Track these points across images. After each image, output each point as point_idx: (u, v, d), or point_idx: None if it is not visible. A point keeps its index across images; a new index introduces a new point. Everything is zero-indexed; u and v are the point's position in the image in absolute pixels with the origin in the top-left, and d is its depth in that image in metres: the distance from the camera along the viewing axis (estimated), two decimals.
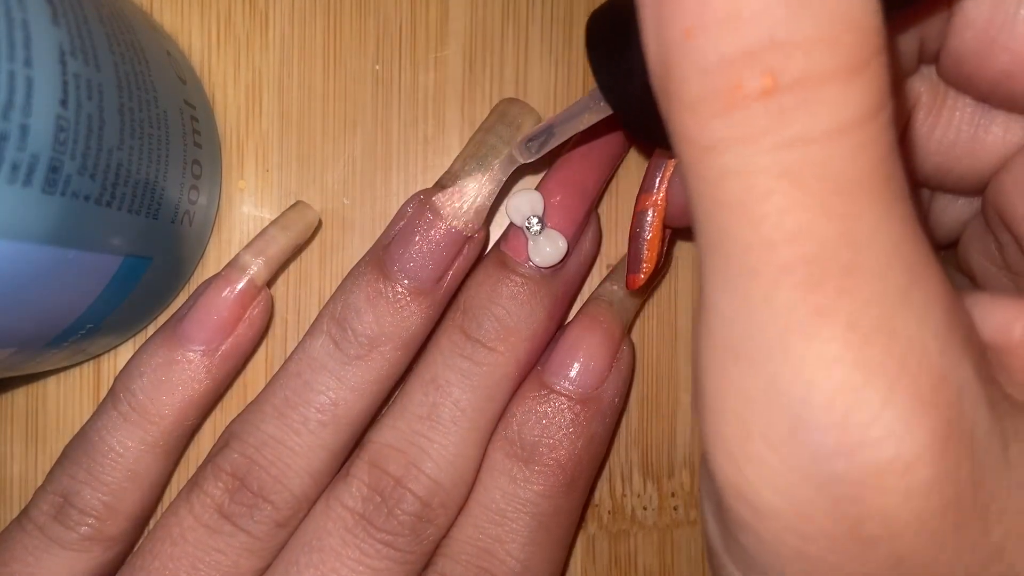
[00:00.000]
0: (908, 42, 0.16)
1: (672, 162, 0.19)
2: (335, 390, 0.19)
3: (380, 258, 0.20)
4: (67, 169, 0.15)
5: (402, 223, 0.20)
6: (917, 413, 0.11)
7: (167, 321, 0.21)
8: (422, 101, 0.23)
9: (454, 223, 0.19)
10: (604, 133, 0.21)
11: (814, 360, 0.11)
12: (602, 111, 0.17)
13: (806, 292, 0.11)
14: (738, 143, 0.10)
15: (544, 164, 0.23)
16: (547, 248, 0.20)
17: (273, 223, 0.21)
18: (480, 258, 0.21)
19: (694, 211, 0.12)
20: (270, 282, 0.21)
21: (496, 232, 0.23)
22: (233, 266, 0.20)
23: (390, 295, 0.19)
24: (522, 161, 0.19)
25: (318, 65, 0.23)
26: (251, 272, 0.20)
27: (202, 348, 0.20)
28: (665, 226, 0.19)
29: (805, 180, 0.10)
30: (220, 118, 0.23)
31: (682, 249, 0.24)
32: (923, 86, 0.17)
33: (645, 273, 0.19)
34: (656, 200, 0.19)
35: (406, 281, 0.19)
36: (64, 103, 0.14)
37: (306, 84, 0.23)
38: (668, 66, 0.11)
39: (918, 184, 0.18)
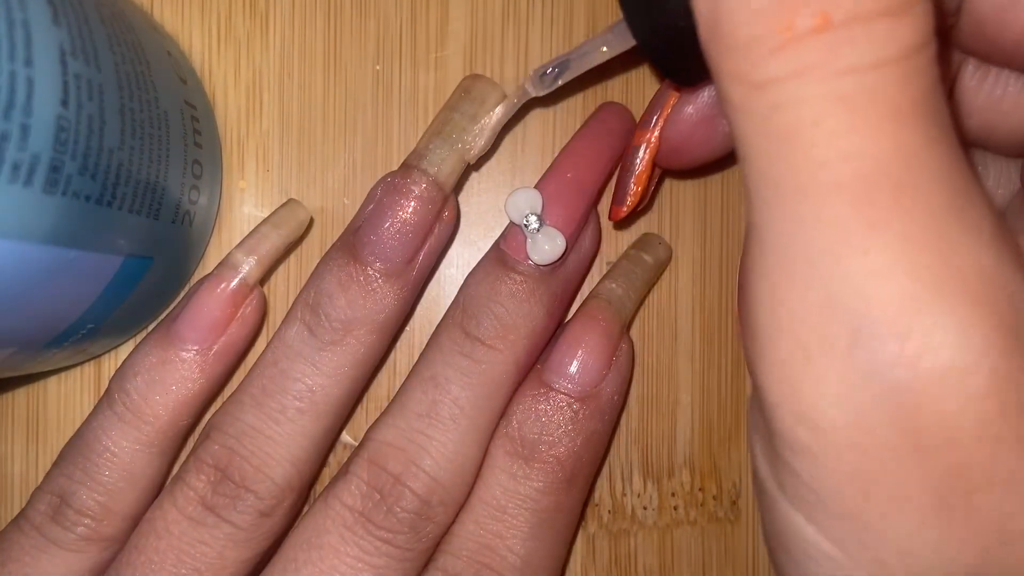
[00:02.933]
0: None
1: (671, 101, 0.19)
2: (311, 376, 0.19)
3: (350, 242, 0.20)
4: (68, 169, 0.15)
5: (371, 206, 0.20)
6: (976, 319, 0.11)
7: (161, 321, 0.21)
8: (422, 101, 0.23)
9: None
10: (604, 128, 0.21)
11: (871, 272, 0.11)
12: (623, 44, 0.17)
13: (858, 207, 0.11)
14: (791, 78, 0.11)
15: (541, 162, 0.23)
16: (545, 246, 0.20)
17: (264, 221, 0.21)
18: (452, 237, 0.21)
19: (741, 147, 0.12)
20: (263, 280, 0.21)
21: (486, 222, 0.23)
22: (225, 265, 0.20)
23: (362, 278, 0.19)
24: (535, 94, 0.19)
25: (318, 65, 0.23)
26: (243, 270, 0.20)
27: (196, 347, 0.20)
28: (655, 165, 0.20)
29: (857, 104, 0.11)
30: (221, 118, 0.23)
31: (682, 251, 0.24)
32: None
33: (628, 207, 0.20)
34: (650, 138, 0.19)
35: (377, 263, 0.19)
36: (65, 103, 0.14)
37: (306, 84, 0.23)
38: (717, 9, 0.11)
39: (967, 144, 0.18)
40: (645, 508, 0.24)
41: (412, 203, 0.20)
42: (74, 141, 0.15)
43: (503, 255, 0.20)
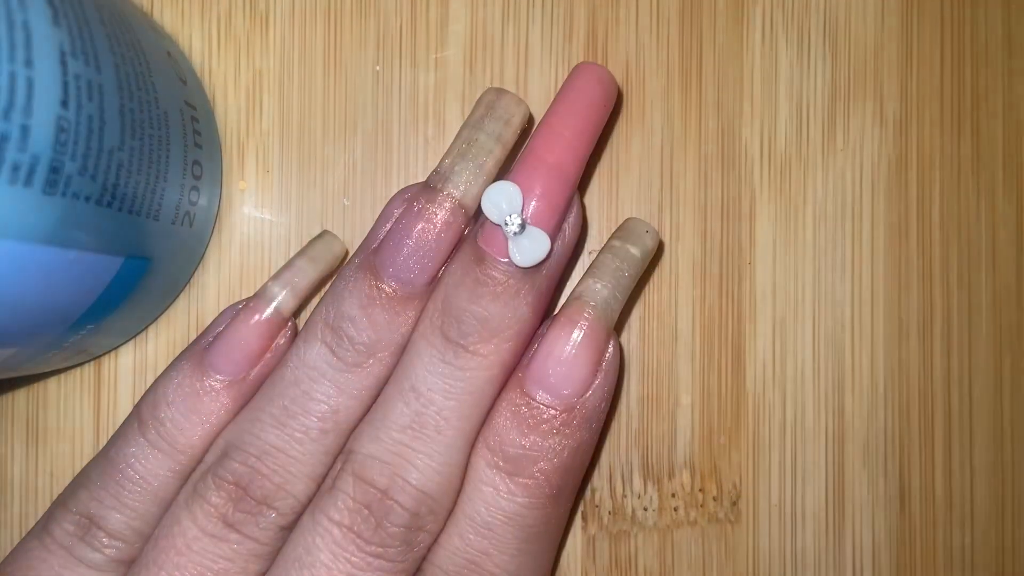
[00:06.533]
0: None
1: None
2: (335, 398, 0.19)
3: (371, 263, 0.19)
4: (68, 170, 0.15)
5: (390, 225, 0.20)
6: None
7: (191, 346, 0.20)
8: (422, 102, 0.23)
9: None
10: (582, 98, 0.19)
11: None
12: None
13: None
14: None
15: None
16: (529, 248, 0.18)
17: (301, 254, 0.21)
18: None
19: None
20: (297, 313, 0.21)
21: None
22: (261, 297, 0.20)
23: (384, 301, 0.19)
24: None
25: (318, 66, 0.23)
26: (278, 303, 0.20)
27: (230, 378, 0.20)
28: None
29: None
30: (221, 119, 0.23)
31: (682, 251, 0.24)
32: None
33: None
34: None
35: (399, 286, 0.19)
36: (65, 104, 0.14)
37: (306, 85, 0.23)
38: None
39: None
40: (645, 509, 0.24)
41: (437, 227, 0.19)
42: (74, 142, 0.15)
43: (482, 253, 0.19)
